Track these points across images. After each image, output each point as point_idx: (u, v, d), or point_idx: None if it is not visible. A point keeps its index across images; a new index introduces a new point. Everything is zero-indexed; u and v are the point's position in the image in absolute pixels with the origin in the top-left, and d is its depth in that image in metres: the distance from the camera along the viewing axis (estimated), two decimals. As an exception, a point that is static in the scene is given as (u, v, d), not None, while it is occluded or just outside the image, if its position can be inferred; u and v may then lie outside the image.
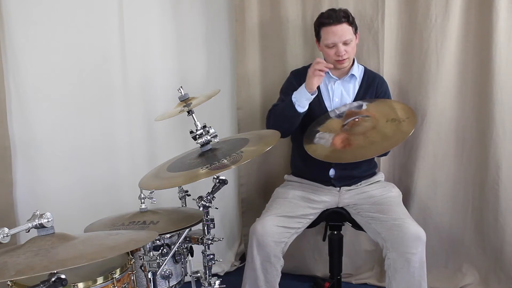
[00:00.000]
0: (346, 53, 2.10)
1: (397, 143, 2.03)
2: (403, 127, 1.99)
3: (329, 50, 2.13)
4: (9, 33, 2.23)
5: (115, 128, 2.51)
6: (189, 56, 2.64)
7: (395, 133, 1.98)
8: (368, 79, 2.24)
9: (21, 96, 2.29)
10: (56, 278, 1.07)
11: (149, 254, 1.67)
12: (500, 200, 2.36)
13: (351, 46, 2.12)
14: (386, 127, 2.01)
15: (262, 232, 1.98)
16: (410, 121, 2.01)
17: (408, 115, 2.05)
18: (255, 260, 1.99)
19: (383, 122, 2.03)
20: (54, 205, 2.29)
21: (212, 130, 1.72)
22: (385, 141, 1.98)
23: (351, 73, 2.21)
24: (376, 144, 1.97)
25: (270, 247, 1.98)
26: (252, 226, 2.02)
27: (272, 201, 2.21)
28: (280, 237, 2.01)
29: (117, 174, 2.52)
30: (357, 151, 1.99)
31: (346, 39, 2.09)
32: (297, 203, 2.14)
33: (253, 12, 2.57)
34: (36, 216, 1.18)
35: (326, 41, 2.12)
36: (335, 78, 2.22)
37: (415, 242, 1.91)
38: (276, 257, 2.00)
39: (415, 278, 1.92)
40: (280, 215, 2.06)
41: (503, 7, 2.24)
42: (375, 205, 2.11)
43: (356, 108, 2.16)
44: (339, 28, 2.08)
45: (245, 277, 2.05)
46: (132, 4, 2.45)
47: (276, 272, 2.02)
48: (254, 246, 1.98)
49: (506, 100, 2.30)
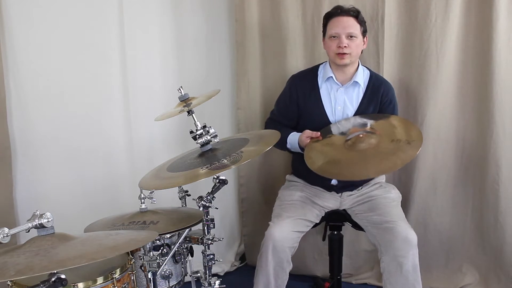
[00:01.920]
0: (348, 48, 2.07)
1: (398, 166, 1.94)
2: (408, 150, 1.90)
3: (331, 42, 2.10)
4: (9, 33, 2.22)
5: (115, 128, 2.51)
6: (189, 56, 2.64)
7: (397, 155, 1.89)
8: (373, 87, 2.17)
9: (21, 96, 2.29)
10: (56, 278, 1.07)
11: (149, 254, 1.67)
12: (500, 200, 2.36)
13: (355, 43, 2.09)
14: (389, 147, 1.93)
15: (280, 237, 1.94)
16: (415, 144, 1.91)
17: (414, 137, 1.95)
18: (269, 266, 1.95)
19: (387, 142, 1.96)
20: (54, 205, 2.27)
21: (212, 130, 1.72)
22: (383, 162, 1.90)
23: (355, 80, 2.15)
24: (375, 164, 1.91)
25: (285, 252, 1.96)
26: (268, 231, 1.98)
27: (280, 204, 2.16)
28: (293, 242, 2.00)
29: (117, 174, 2.52)
30: (357, 169, 1.93)
31: (350, 31, 2.07)
32: (305, 206, 2.12)
33: (253, 12, 2.58)
34: (36, 216, 1.18)
35: (330, 30, 2.11)
36: (339, 85, 2.17)
37: (405, 245, 1.89)
38: (288, 262, 1.98)
39: (409, 282, 1.90)
40: (296, 218, 2.04)
41: (503, 7, 2.25)
42: (371, 205, 2.10)
43: (360, 126, 2.09)
44: (345, 20, 2.08)
45: (257, 282, 2.01)
46: (132, 4, 2.45)
47: (285, 276, 2.01)
48: (270, 251, 1.94)
49: (506, 100, 2.31)
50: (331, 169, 1.99)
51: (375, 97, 2.16)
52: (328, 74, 2.17)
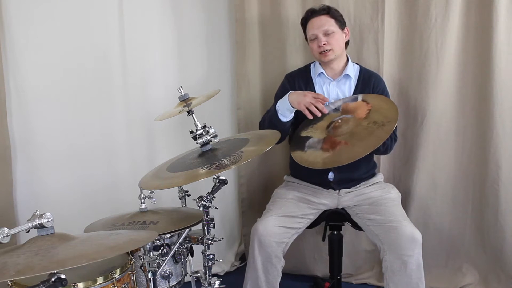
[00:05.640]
0: (328, 44, 2.12)
1: (370, 149, 1.91)
2: (379, 133, 1.91)
3: (313, 44, 2.17)
4: (9, 33, 2.23)
5: (115, 128, 2.51)
6: (189, 56, 2.64)
7: (369, 137, 1.91)
8: (364, 79, 2.22)
9: (21, 96, 2.29)
10: (56, 278, 1.07)
11: (149, 254, 1.67)
12: (500, 200, 2.36)
13: (334, 38, 2.14)
14: (364, 130, 1.95)
15: (264, 232, 1.98)
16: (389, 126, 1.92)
17: (389, 118, 1.95)
18: (257, 261, 1.99)
19: (364, 125, 1.97)
20: (54, 205, 2.29)
21: (212, 130, 1.72)
22: (358, 145, 1.91)
23: (346, 73, 2.20)
24: (356, 146, 1.91)
25: (272, 247, 1.98)
26: (253, 226, 2.02)
27: (273, 201, 2.20)
28: (281, 238, 2.01)
29: (117, 174, 2.52)
30: (348, 152, 1.93)
31: (325, 29, 2.12)
32: (297, 203, 2.14)
33: (253, 12, 2.58)
34: (36, 216, 1.18)
35: (309, 33, 2.19)
36: (330, 79, 2.22)
37: (411, 244, 1.90)
38: (277, 257, 2.00)
39: (413, 280, 1.91)
40: (282, 215, 2.06)
41: (503, 7, 2.25)
42: (373, 206, 2.10)
43: (352, 100, 2.14)
44: (318, 20, 2.16)
45: (246, 277, 2.05)
46: (132, 4, 2.45)
47: (277, 273, 2.02)
48: (256, 246, 1.98)
49: (506, 100, 2.31)
50: (328, 160, 1.98)
51: (366, 88, 2.21)
52: (319, 70, 2.24)
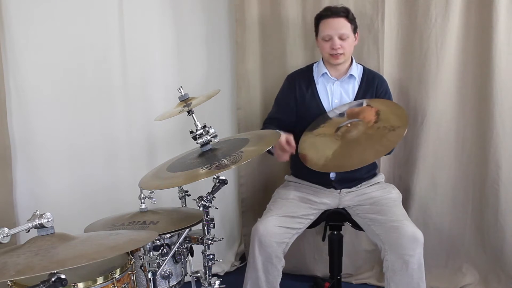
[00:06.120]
0: (341, 48, 2.11)
1: (382, 154, 1.95)
2: (391, 137, 1.90)
3: (324, 44, 2.15)
4: (9, 33, 2.23)
5: (115, 128, 2.51)
6: (189, 56, 2.64)
7: (381, 142, 1.91)
8: (367, 79, 2.22)
9: (21, 96, 2.29)
10: (56, 278, 1.07)
11: (149, 254, 1.66)
12: (500, 200, 2.36)
13: (348, 42, 2.13)
14: (377, 133, 1.94)
15: (264, 232, 1.97)
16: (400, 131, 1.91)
17: (400, 123, 1.94)
18: (257, 261, 1.98)
19: (374, 129, 1.97)
20: (54, 205, 2.29)
21: (212, 130, 1.71)
22: (368, 149, 1.91)
23: (350, 73, 2.20)
24: (370, 148, 1.91)
25: (272, 247, 1.98)
26: (254, 227, 2.02)
27: (273, 201, 2.20)
28: (281, 238, 2.01)
29: (117, 174, 2.52)
30: (355, 157, 1.92)
31: (342, 33, 2.10)
32: (298, 203, 2.14)
33: (253, 12, 2.58)
34: (36, 216, 1.18)
35: (323, 33, 2.15)
36: (334, 79, 2.22)
37: (413, 244, 1.90)
38: (277, 257, 2.00)
39: (414, 280, 1.91)
40: (282, 215, 2.05)
41: (503, 7, 2.25)
42: (374, 206, 2.10)
43: (357, 105, 2.14)
44: (336, 21, 2.11)
45: (246, 277, 2.04)
46: (132, 4, 2.45)
47: (277, 273, 2.02)
48: (256, 246, 1.98)
49: (506, 100, 2.31)
50: (331, 164, 1.99)
51: (370, 89, 2.20)
52: (323, 70, 2.22)
